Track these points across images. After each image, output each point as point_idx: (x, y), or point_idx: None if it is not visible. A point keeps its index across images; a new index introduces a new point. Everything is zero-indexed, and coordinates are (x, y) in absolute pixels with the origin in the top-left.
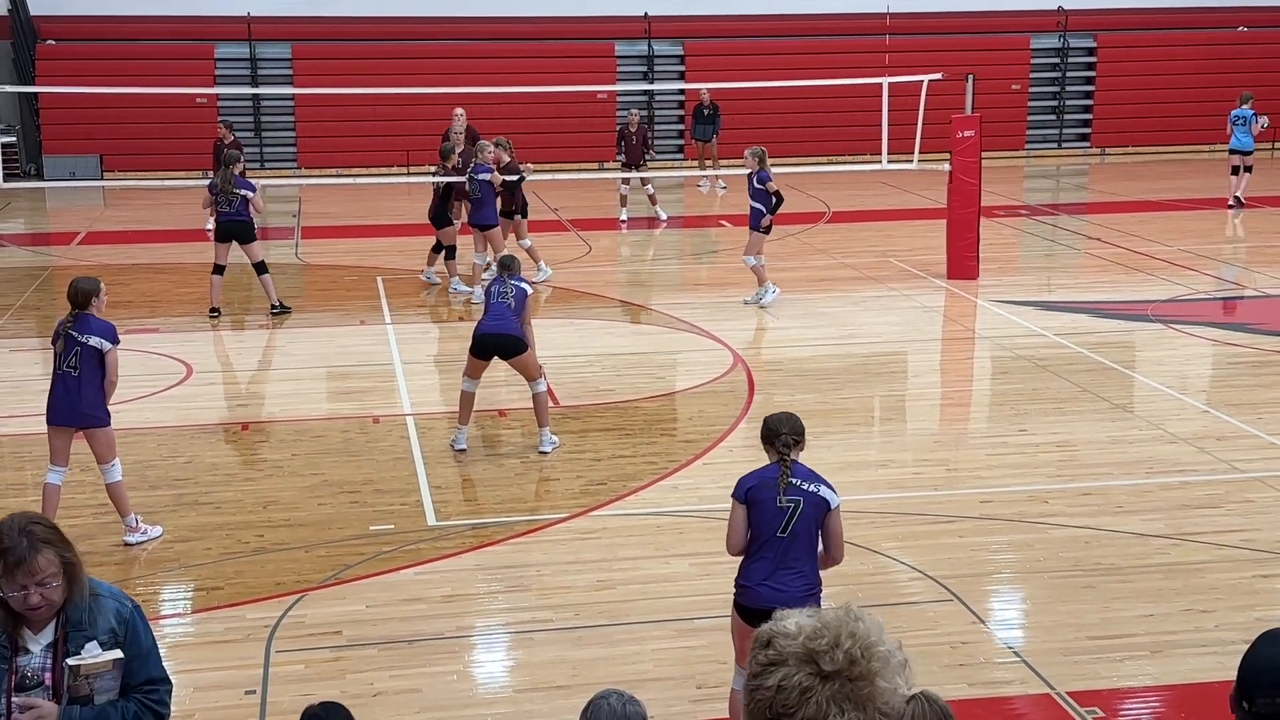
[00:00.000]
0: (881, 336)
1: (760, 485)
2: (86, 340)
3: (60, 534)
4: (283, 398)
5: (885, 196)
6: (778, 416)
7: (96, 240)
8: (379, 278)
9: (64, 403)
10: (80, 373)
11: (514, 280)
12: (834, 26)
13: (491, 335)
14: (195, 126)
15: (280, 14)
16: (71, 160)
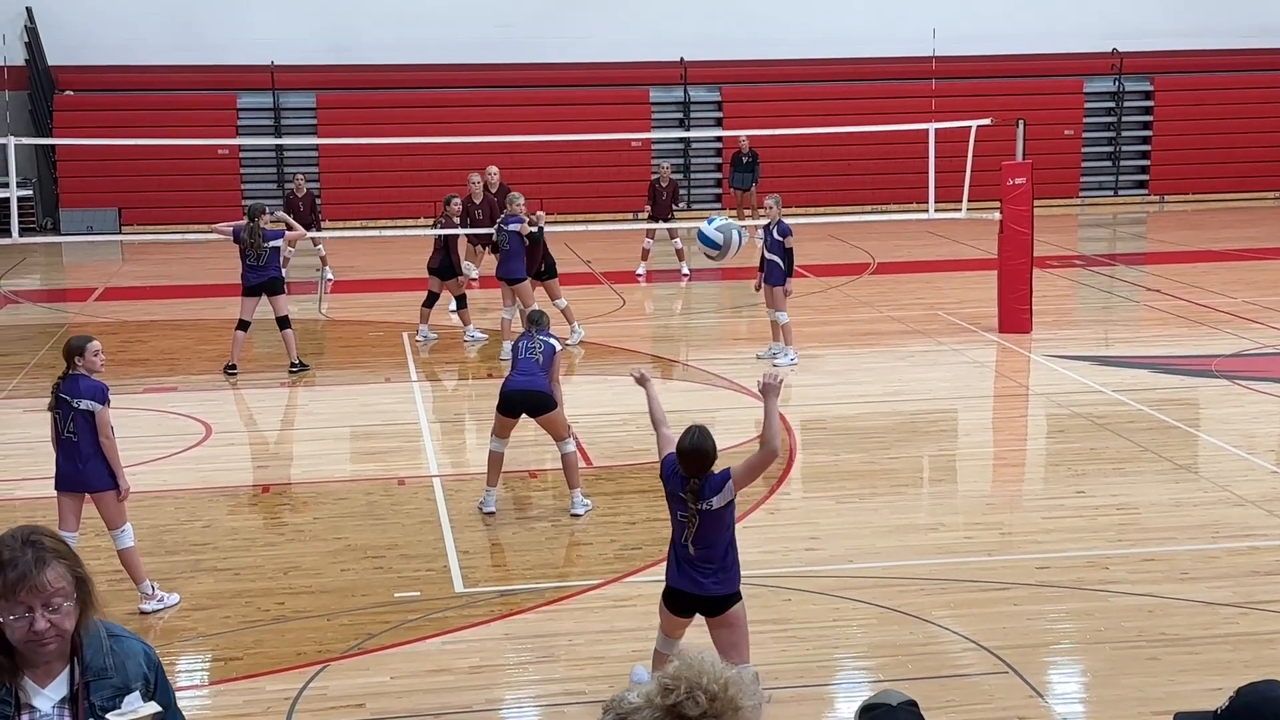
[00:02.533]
0: (930, 393)
1: None
2: (79, 405)
3: (69, 548)
4: (305, 459)
5: (933, 247)
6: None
7: (114, 296)
8: (405, 334)
9: (68, 469)
10: (79, 438)
11: (542, 336)
12: (877, 71)
13: (520, 392)
14: (217, 179)
15: (304, 62)
16: (89, 214)
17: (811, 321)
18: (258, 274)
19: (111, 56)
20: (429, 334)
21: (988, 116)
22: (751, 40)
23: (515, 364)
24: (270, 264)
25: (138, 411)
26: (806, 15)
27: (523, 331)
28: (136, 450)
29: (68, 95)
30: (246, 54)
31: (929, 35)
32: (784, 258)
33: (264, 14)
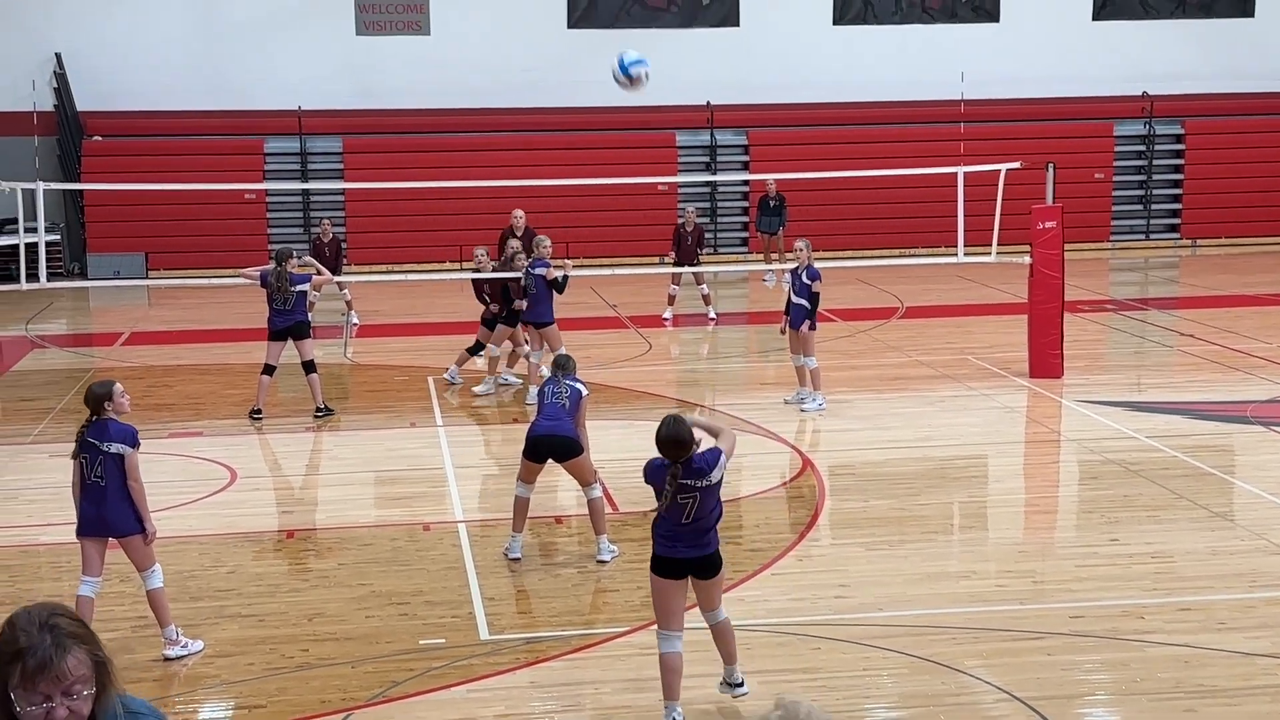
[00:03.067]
0: (960, 438)
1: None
2: (108, 448)
3: (89, 629)
4: (330, 504)
5: (962, 291)
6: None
7: (140, 341)
8: (431, 378)
9: (93, 514)
10: (107, 483)
11: (569, 380)
12: (905, 114)
13: (546, 437)
14: (244, 223)
15: (331, 107)
16: (116, 259)
17: (840, 366)
18: (284, 318)
19: (139, 102)
20: (457, 376)
21: (1017, 160)
22: (778, 84)
23: (541, 408)
24: (297, 308)
25: (163, 456)
26: (833, 59)
27: (549, 376)
28: (161, 495)
29: (96, 141)
30: (273, 99)
31: (957, 79)
32: (811, 302)
33: (291, 59)
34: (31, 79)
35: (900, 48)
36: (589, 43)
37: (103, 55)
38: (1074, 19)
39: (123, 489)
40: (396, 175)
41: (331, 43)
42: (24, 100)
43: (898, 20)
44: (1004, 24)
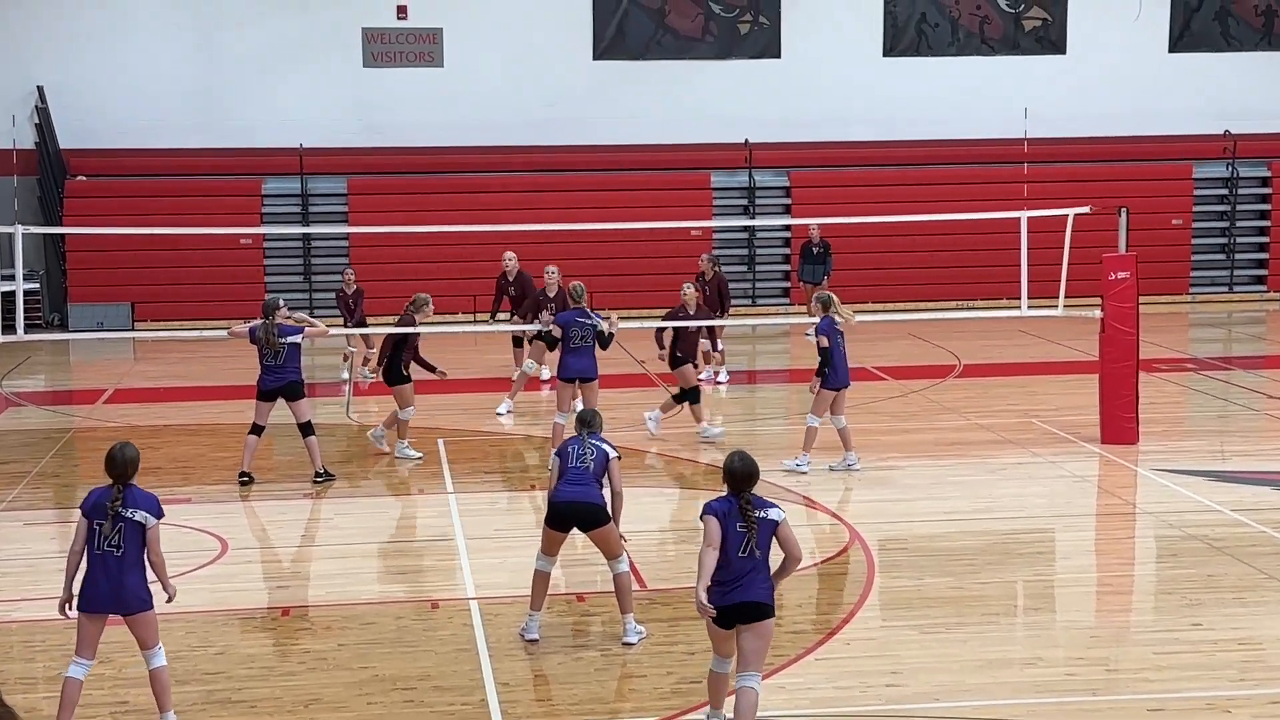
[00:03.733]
0: (1025, 510)
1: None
2: (131, 515)
3: (12, 712)
4: (328, 578)
5: (1026, 347)
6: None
7: (124, 398)
8: (440, 440)
9: (105, 587)
10: (124, 552)
11: (594, 440)
12: (963, 154)
13: (569, 504)
14: (239, 270)
15: (336, 145)
16: (99, 309)
17: (891, 430)
18: (275, 376)
19: (127, 139)
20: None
21: (1086, 204)
22: (823, 121)
23: (564, 472)
24: (289, 365)
25: None
26: (883, 94)
27: (572, 435)
28: None
29: (79, 180)
30: (273, 137)
31: (1020, 115)
32: (821, 356)
33: (292, 93)
34: (11, 114)
35: (957, 81)
36: (616, 75)
37: (88, 89)
38: (1149, 50)
39: (139, 561)
40: (405, 219)
41: (337, 76)
42: (2, 137)
43: (954, 51)
44: (1071, 56)
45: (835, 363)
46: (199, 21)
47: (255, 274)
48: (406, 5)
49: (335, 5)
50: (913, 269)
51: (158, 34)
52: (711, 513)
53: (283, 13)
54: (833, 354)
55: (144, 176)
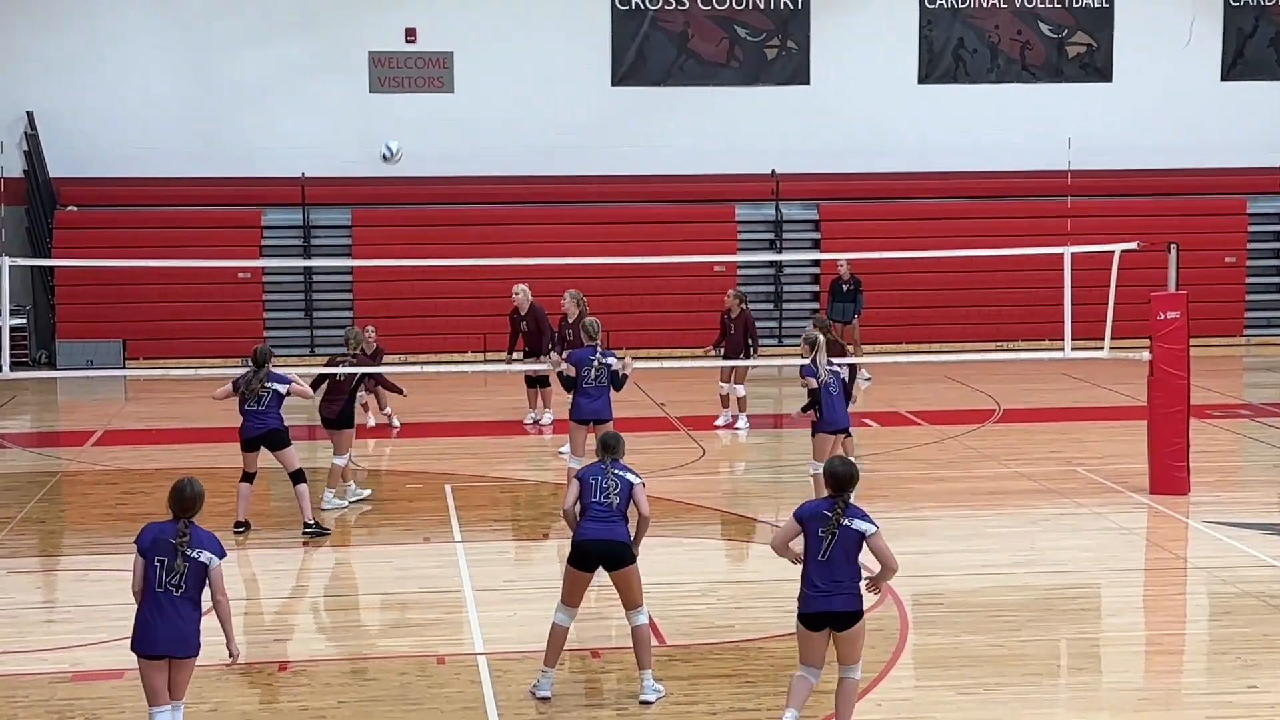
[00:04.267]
0: (1068, 564)
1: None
2: (197, 555)
3: None
4: (328, 632)
5: (1069, 391)
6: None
7: (115, 440)
8: (448, 485)
9: (162, 630)
10: (185, 592)
11: (617, 470)
12: (1001, 187)
13: (595, 542)
14: (237, 305)
15: (339, 174)
16: (89, 346)
17: (926, 478)
18: (256, 423)
19: (120, 167)
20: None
21: (1134, 240)
22: (854, 151)
23: (587, 507)
24: (270, 412)
25: None
26: (918, 123)
27: (593, 462)
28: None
29: (70, 211)
30: (273, 165)
31: (1063, 146)
32: (813, 403)
33: (294, 120)
34: (0, 141)
35: (997, 110)
36: (636, 102)
37: (79, 115)
38: (1199, 79)
39: (197, 602)
40: (412, 252)
41: (341, 102)
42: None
43: (994, 79)
44: (1118, 84)
45: (824, 405)
46: (197, 44)
47: (254, 309)
48: (415, 28)
49: (340, 27)
50: (949, 307)
51: (153, 57)
52: (797, 514)
53: (285, 35)
54: (822, 396)
55: (138, 207)
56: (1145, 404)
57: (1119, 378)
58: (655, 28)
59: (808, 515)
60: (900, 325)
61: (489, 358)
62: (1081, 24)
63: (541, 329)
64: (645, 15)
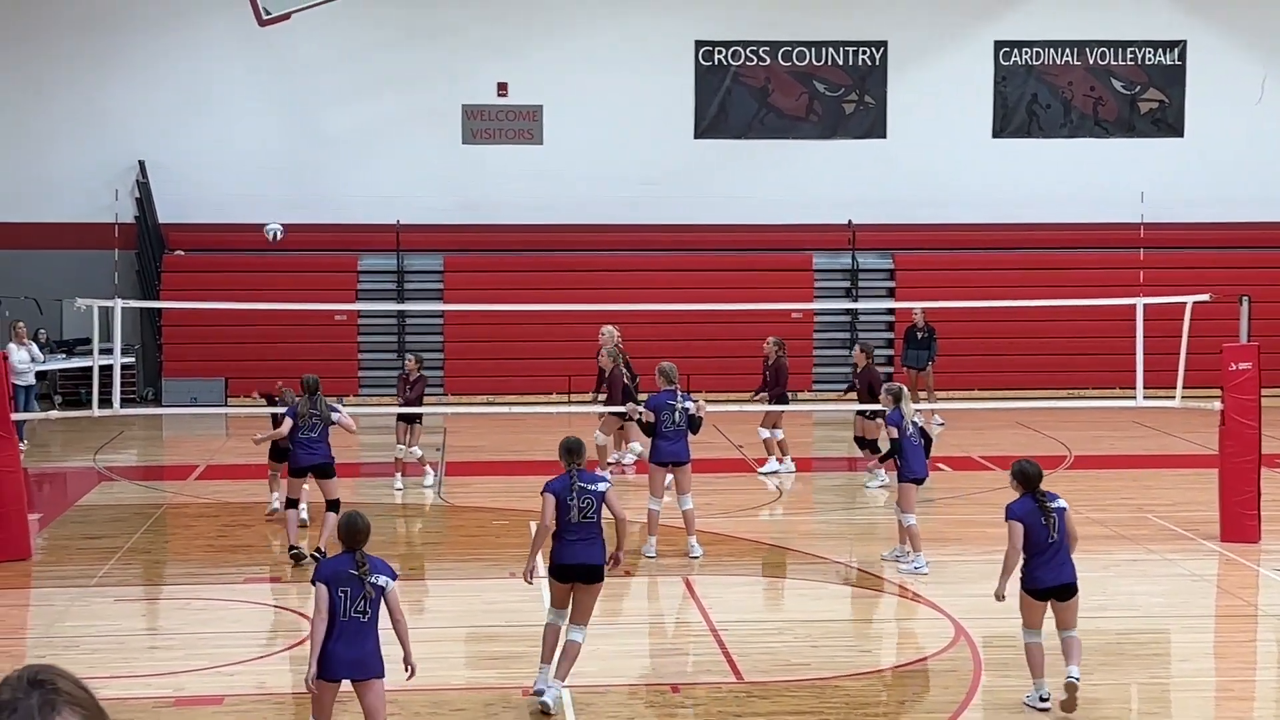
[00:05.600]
0: (1139, 610)
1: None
2: (376, 580)
3: (89, 693)
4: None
5: (1141, 439)
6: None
7: (216, 475)
8: (533, 523)
9: (350, 654)
10: (369, 617)
11: (584, 483)
12: (1074, 239)
13: (574, 567)
14: (333, 346)
15: (432, 222)
16: (193, 384)
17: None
18: (308, 452)
19: (226, 214)
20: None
21: (1206, 292)
22: (929, 202)
23: (565, 528)
24: (323, 440)
25: (236, 604)
26: (992, 175)
27: (561, 475)
28: (233, 647)
29: (177, 255)
30: (370, 213)
31: (1135, 199)
32: (895, 452)
33: (390, 170)
34: (114, 188)
35: (1070, 164)
36: (717, 154)
37: (188, 163)
38: (1271, 133)
39: (377, 625)
40: (501, 297)
41: (435, 153)
42: (104, 211)
43: (1066, 133)
44: (1189, 139)
45: (907, 454)
46: (298, 98)
47: (349, 350)
48: (507, 82)
49: (435, 82)
50: (1021, 355)
51: (257, 109)
52: (1015, 517)
53: (383, 90)
54: (903, 445)
55: (241, 251)
56: (1216, 452)
57: (1190, 426)
58: (737, 83)
59: (1024, 513)
60: (974, 372)
61: (571, 399)
62: (1154, 81)
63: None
64: (728, 71)
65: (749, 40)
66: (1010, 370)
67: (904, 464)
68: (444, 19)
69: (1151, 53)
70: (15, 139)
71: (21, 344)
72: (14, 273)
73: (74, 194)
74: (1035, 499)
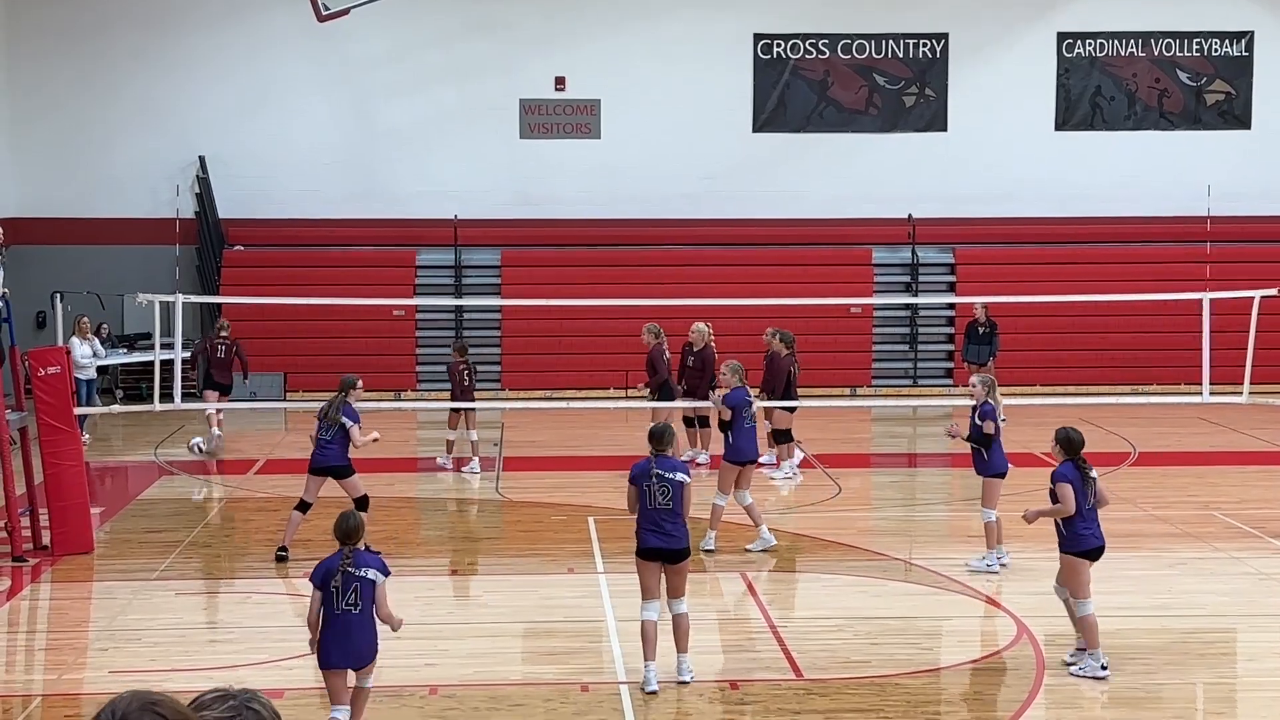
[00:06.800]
0: (1205, 608)
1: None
2: (365, 574)
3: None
4: (475, 657)
5: (1207, 435)
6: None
7: (276, 469)
8: (591, 518)
9: (344, 644)
10: (361, 610)
11: (664, 469)
12: (1139, 232)
13: (658, 550)
14: (391, 341)
15: (490, 216)
16: (253, 379)
17: None
18: (323, 453)
19: (285, 209)
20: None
21: (1274, 286)
22: (990, 196)
23: (644, 515)
24: (336, 442)
25: (297, 598)
26: (1054, 169)
27: (643, 460)
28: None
29: (237, 250)
30: (428, 208)
31: (1201, 192)
32: (983, 445)
33: (449, 165)
34: (175, 184)
35: (1134, 157)
36: (776, 147)
37: (248, 159)
38: None
39: (372, 616)
40: (558, 291)
41: (493, 148)
42: (165, 206)
43: (1131, 126)
44: (1257, 130)
45: (993, 449)
46: (356, 93)
47: (407, 345)
48: (565, 76)
49: (493, 77)
50: (1084, 351)
51: (316, 105)
52: (1067, 480)
53: (440, 85)
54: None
55: (300, 246)
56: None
57: (1257, 423)
58: (796, 76)
59: (1073, 477)
60: (1035, 368)
61: (629, 394)
62: (1220, 72)
63: (706, 370)
64: (786, 64)
65: (808, 33)
66: (1073, 366)
67: (991, 459)
68: (501, 13)
69: (1218, 44)
70: (78, 136)
71: (85, 339)
72: (77, 268)
73: (136, 190)
74: (1077, 466)
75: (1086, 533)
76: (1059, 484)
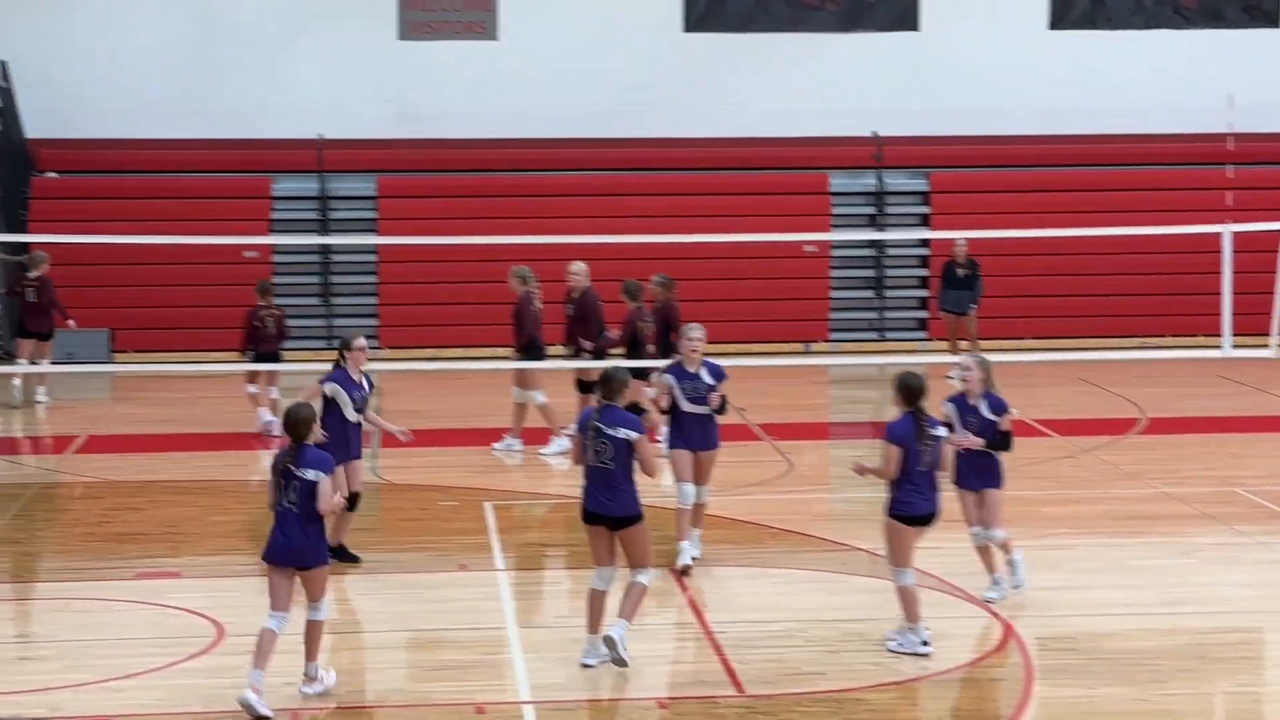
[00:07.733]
0: (1226, 603)
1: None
2: (303, 474)
3: None
4: (350, 674)
5: (1228, 397)
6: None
7: (101, 447)
8: (488, 503)
9: (284, 543)
10: (301, 508)
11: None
12: (1147, 153)
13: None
14: (242, 291)
15: (363, 136)
16: (69, 336)
17: (1056, 499)
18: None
19: (108, 128)
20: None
21: None
22: (971, 110)
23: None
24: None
25: (127, 605)
26: (1048, 77)
27: (588, 408)
28: (122, 658)
29: (49, 178)
30: (286, 126)
31: (1222, 104)
32: (998, 446)
33: (311, 73)
34: None
35: (1142, 61)
36: (712, 52)
37: (62, 68)
38: None
39: (314, 516)
40: (447, 228)
41: (365, 51)
42: None
43: (1139, 24)
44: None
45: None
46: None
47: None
48: None
49: None
50: (1084, 297)
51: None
52: (895, 440)
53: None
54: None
55: (127, 173)
56: None
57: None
58: None
59: (905, 435)
60: (1025, 317)
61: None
62: None
63: (590, 321)
64: None
65: None
66: (1070, 315)
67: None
68: None
69: None
70: None
71: None
72: None
73: None
74: (917, 419)
75: (916, 498)
76: (886, 445)
